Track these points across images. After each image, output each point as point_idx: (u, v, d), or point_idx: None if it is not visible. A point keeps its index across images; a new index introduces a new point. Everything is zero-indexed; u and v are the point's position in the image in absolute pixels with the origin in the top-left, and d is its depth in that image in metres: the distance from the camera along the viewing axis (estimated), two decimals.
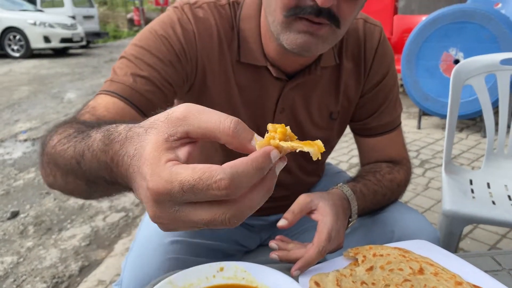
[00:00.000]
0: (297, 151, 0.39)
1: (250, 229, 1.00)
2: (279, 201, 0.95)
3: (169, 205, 0.36)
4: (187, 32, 0.75)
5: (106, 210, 2.31)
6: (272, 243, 0.71)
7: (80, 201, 2.40)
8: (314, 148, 0.38)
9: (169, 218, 0.37)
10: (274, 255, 0.70)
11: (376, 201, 0.84)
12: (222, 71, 0.79)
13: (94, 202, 2.39)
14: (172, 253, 0.76)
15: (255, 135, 0.38)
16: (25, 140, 3.57)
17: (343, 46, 0.84)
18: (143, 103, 0.71)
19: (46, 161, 0.56)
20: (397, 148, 0.93)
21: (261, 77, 0.80)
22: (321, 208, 0.71)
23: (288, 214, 0.70)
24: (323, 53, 0.79)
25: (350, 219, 0.78)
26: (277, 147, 0.38)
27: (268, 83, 0.80)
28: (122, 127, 0.42)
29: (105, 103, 0.68)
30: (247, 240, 0.98)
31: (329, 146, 0.95)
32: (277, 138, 0.38)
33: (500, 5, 3.35)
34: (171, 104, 0.77)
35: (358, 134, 0.95)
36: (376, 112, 0.90)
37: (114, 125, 0.43)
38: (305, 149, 0.38)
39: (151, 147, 0.37)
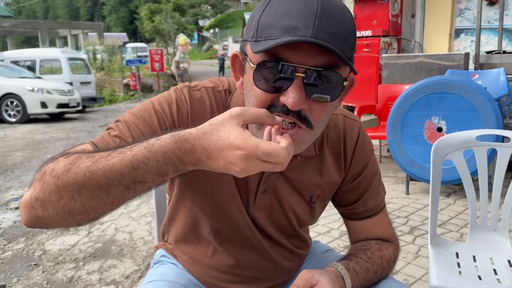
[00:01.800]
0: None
1: None
2: (268, 276, 1.00)
3: (254, 160, 0.60)
4: (181, 111, 0.83)
5: (96, 283, 2.27)
6: None
7: (69, 274, 2.37)
8: None
9: (254, 167, 0.60)
10: None
11: (368, 278, 0.88)
12: None
13: (83, 275, 2.35)
14: None
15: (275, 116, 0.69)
16: (16, 208, 3.56)
17: (324, 139, 0.92)
18: None
19: (62, 185, 0.63)
20: (383, 228, 0.99)
21: None
22: (321, 282, 0.78)
23: None
24: None
25: None
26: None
27: None
28: (188, 131, 0.63)
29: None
30: None
31: (312, 221, 1.01)
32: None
33: (477, 76, 3.57)
34: None
35: (346, 217, 1.01)
36: (361, 198, 0.96)
37: (177, 132, 0.63)
38: None
39: (235, 131, 0.61)
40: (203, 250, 0.98)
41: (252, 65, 0.70)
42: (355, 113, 3.92)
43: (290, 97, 0.67)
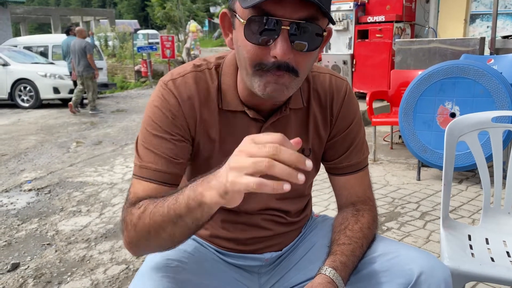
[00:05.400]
0: None
1: (249, 271, 1.05)
2: (270, 240, 1.03)
3: (250, 144, 0.63)
4: (175, 106, 0.88)
5: (107, 262, 2.30)
6: None
7: (81, 253, 2.40)
8: None
9: (250, 149, 0.62)
10: None
11: (357, 256, 0.91)
12: (210, 123, 0.92)
13: (95, 254, 2.39)
14: None
15: None
16: (30, 190, 3.61)
17: (310, 94, 0.97)
18: (171, 177, 0.89)
19: (146, 229, 0.80)
20: (364, 188, 1.03)
21: (241, 121, 0.93)
22: None
23: None
24: (291, 97, 0.92)
25: None
26: None
27: (248, 124, 0.93)
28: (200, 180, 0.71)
29: (143, 189, 0.88)
30: (248, 283, 1.04)
31: (308, 180, 1.03)
32: None
33: (492, 61, 3.49)
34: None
35: (331, 173, 1.05)
36: (345, 153, 1.01)
37: (194, 183, 0.72)
38: None
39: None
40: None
41: (242, 21, 0.76)
42: (367, 99, 3.88)
43: (278, 48, 0.74)
